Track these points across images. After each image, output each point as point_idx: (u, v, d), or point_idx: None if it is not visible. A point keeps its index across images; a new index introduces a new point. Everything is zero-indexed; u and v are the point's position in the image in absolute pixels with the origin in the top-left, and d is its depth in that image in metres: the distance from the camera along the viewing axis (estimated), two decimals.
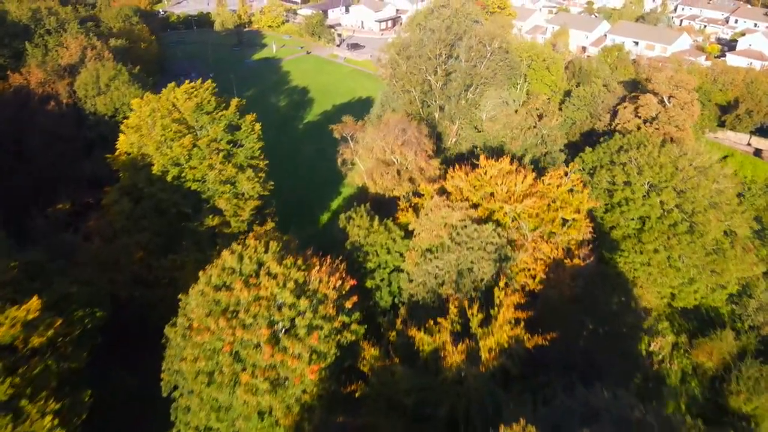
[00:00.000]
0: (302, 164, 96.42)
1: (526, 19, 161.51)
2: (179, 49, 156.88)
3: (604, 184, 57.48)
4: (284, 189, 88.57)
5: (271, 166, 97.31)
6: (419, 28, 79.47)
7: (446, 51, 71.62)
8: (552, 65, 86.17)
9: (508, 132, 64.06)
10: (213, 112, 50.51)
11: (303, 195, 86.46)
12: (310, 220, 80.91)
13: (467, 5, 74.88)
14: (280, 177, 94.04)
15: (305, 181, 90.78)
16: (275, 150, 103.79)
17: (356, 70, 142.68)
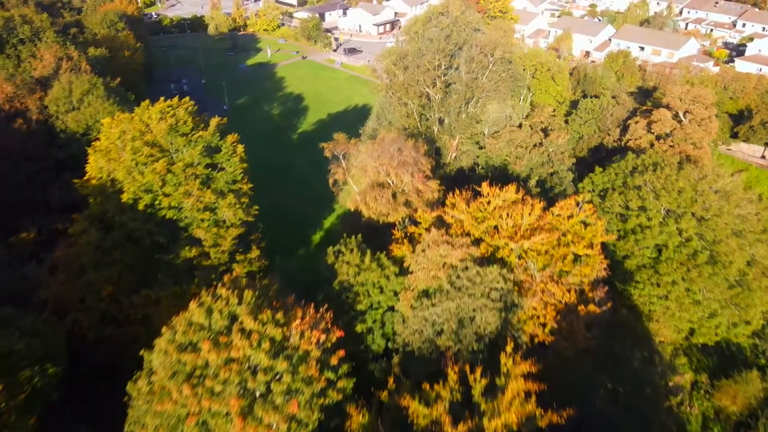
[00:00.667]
0: (295, 178, 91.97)
1: (528, 23, 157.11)
2: (172, 54, 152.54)
3: (616, 209, 53.06)
4: (276, 205, 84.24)
5: (263, 180, 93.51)
6: (417, 37, 75.08)
7: (446, 61, 67.19)
8: (557, 75, 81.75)
9: (512, 150, 59.62)
10: (190, 133, 46.08)
11: (295, 212, 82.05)
12: (301, 240, 76.50)
13: (467, 13, 70.46)
14: (271, 192, 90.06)
15: (298, 196, 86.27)
16: (267, 162, 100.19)
17: (353, 77, 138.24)
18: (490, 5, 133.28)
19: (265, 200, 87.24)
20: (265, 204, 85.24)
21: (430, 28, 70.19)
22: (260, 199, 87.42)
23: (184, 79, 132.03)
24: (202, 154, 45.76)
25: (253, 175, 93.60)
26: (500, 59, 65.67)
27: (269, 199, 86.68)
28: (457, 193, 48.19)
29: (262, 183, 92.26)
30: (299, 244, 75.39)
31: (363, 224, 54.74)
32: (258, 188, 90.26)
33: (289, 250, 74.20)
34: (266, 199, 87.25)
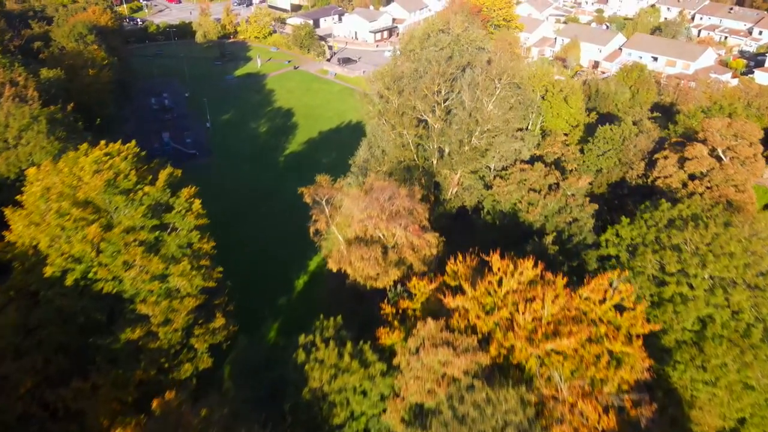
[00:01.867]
0: (280, 207, 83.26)
1: (533, 31, 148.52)
2: (156, 64, 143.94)
3: (650, 271, 44.38)
4: (257, 241, 75.71)
5: (244, 210, 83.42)
6: (413, 56, 66.46)
7: (446, 86, 58.53)
8: (571, 96, 73.06)
9: (523, 194, 50.98)
10: (132, 189, 37.41)
11: (277, 249, 73.45)
12: (283, 285, 67.83)
13: (471, 30, 61.87)
14: (252, 224, 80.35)
15: (281, 229, 77.54)
16: (251, 188, 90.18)
17: (346, 89, 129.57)
18: (494, 13, 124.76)
19: (245, 233, 79.32)
20: (243, 239, 77.30)
21: (429, 47, 61.51)
22: (239, 232, 79.37)
23: (166, 92, 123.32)
24: (147, 215, 37.10)
25: (233, 204, 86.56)
26: (509, 84, 56.97)
27: (250, 232, 78.34)
28: (460, 260, 39.59)
29: (242, 213, 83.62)
30: (280, 291, 66.79)
31: (348, 287, 46.15)
32: (238, 220, 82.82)
33: (268, 297, 65.63)
34: (246, 232, 79.35)
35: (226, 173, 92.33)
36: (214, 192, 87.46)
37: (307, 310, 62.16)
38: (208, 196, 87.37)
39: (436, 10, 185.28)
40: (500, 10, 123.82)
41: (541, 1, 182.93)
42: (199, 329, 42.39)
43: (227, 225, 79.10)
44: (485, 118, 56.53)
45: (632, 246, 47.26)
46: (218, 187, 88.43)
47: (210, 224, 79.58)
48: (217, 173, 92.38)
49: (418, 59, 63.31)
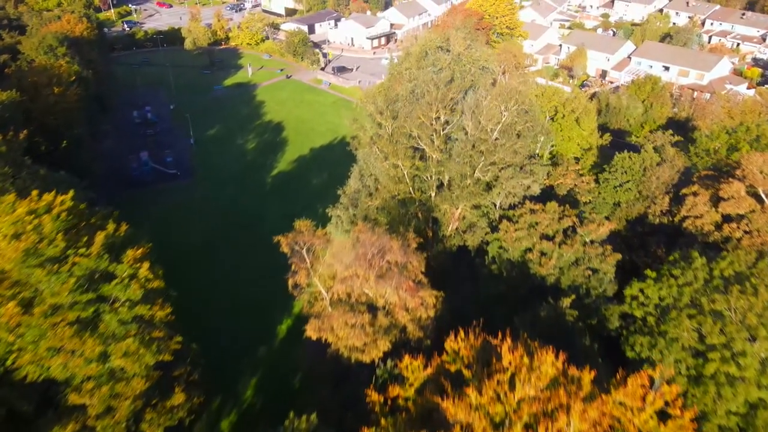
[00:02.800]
0: (263, 237, 75.32)
1: (537, 38, 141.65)
2: (141, 73, 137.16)
3: (686, 340, 37.55)
4: (236, 279, 68.29)
5: (223, 241, 74.52)
6: (409, 75, 59.64)
7: (446, 113, 51.70)
8: (584, 117, 66.24)
9: (534, 241, 44.11)
10: (60, 258, 30.56)
11: (259, 287, 66.38)
12: (264, 331, 60.86)
13: (474, 47, 55.03)
14: (231, 258, 72.05)
15: (264, 265, 70.26)
16: (233, 214, 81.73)
17: (341, 100, 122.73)
18: (496, 21, 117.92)
19: (222, 267, 70.20)
20: (220, 275, 68.69)
21: (426, 67, 54.66)
22: (216, 267, 70.69)
23: (150, 105, 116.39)
24: (78, 290, 30.25)
25: (211, 232, 76.91)
26: (517, 110, 50.13)
27: (227, 266, 70.80)
28: (461, 337, 32.78)
29: (221, 244, 75.01)
30: (260, 339, 59.87)
31: (330, 358, 39.29)
32: (215, 251, 73.88)
33: (246, 346, 58.74)
34: (223, 266, 70.75)
35: (207, 196, 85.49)
36: (192, 219, 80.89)
37: (291, 364, 55.46)
38: (185, 224, 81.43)
39: (436, 15, 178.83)
40: (503, 17, 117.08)
41: (545, 6, 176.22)
42: (151, 412, 35.56)
43: (203, 257, 72.38)
44: (490, 149, 49.67)
45: (660, 309, 40.43)
46: (197, 212, 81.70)
47: (183, 258, 73.66)
48: (198, 196, 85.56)
49: (415, 79, 56.49)
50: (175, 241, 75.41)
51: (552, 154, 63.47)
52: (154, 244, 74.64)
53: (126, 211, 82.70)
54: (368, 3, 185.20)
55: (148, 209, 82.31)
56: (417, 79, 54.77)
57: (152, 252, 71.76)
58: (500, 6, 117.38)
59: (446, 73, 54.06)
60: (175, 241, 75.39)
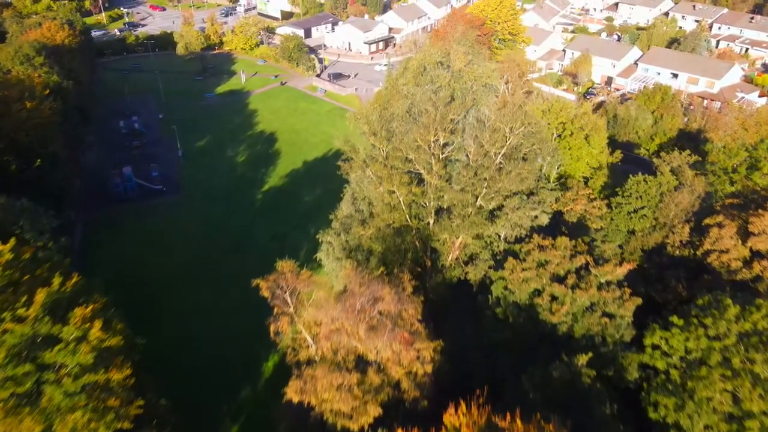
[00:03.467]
0: (251, 261, 71.45)
1: (540, 43, 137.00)
2: (131, 80, 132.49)
3: (718, 403, 32.94)
4: (219, 309, 63.33)
5: (206, 267, 68.65)
6: (406, 90, 55.00)
7: (445, 135, 47.09)
8: (594, 134, 61.58)
9: (544, 282, 39.48)
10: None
11: (243, 320, 61.33)
12: (249, 369, 56.14)
13: (476, 62, 50.33)
14: (215, 287, 66.10)
15: (250, 294, 65.21)
16: (220, 234, 76.44)
17: (336, 108, 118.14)
18: (498, 26, 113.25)
19: (205, 297, 64.50)
20: (202, 305, 63.31)
21: (425, 84, 50.04)
22: (198, 296, 64.71)
23: (137, 114, 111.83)
24: (10, 364, 25.66)
25: (194, 257, 71.10)
26: (524, 133, 45.54)
27: (210, 295, 65.30)
28: (463, 411, 28.26)
29: (205, 270, 69.32)
30: (244, 378, 55.20)
31: (313, 422, 34.69)
32: (198, 278, 68.09)
33: (228, 386, 54.05)
34: (206, 296, 65.03)
35: (193, 214, 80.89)
36: (176, 239, 76.23)
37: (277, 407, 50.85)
38: (168, 245, 75.22)
39: (436, 18, 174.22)
40: (506, 22, 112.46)
41: (548, 10, 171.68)
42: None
43: (186, 282, 67.70)
44: (494, 176, 45.06)
45: (687, 363, 35.81)
46: (182, 232, 77.07)
47: (164, 282, 68.67)
48: (184, 215, 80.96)
49: (412, 96, 51.87)
50: (157, 264, 70.88)
51: (560, 175, 58.88)
52: (134, 267, 71.05)
53: (106, 231, 79.47)
54: (366, 6, 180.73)
55: (130, 229, 77.79)
56: (414, 97, 50.22)
57: (130, 277, 67.81)
58: (502, 11, 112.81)
59: (445, 91, 49.50)
60: (156, 264, 70.87)
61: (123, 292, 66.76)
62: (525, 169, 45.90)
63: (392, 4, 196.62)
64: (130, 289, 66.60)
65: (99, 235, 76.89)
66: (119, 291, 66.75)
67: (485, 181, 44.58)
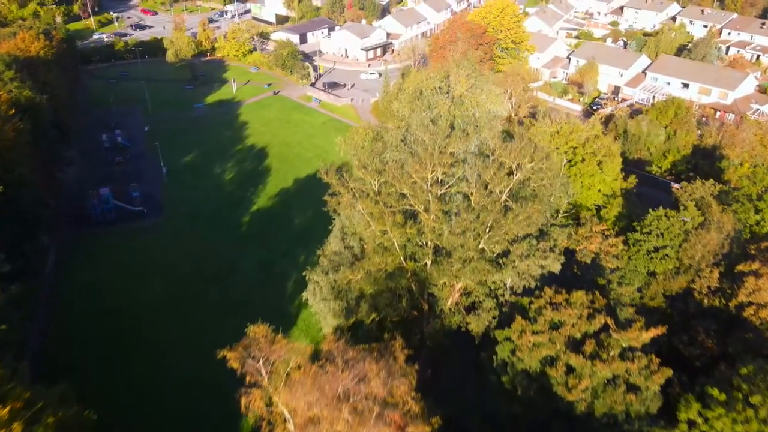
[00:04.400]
0: (233, 293, 66.25)
1: (544, 50, 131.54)
2: (118, 89, 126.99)
3: None
4: (195, 353, 56.24)
5: (183, 304, 62.13)
6: (400, 114, 49.60)
7: (444, 170, 41.72)
8: (607, 161, 56.15)
9: (558, 349, 34.09)
10: None
11: (223, 368, 55.95)
12: (228, 427, 50.65)
13: (479, 86, 45.03)
14: (192, 326, 59.63)
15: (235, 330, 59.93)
16: (201, 263, 69.88)
17: (331, 120, 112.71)
18: (501, 35, 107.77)
19: (180, 338, 58.32)
20: (176, 347, 57.58)
21: (421, 111, 44.63)
22: (172, 337, 58.83)
23: (122, 127, 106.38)
24: None
25: (170, 289, 64.44)
26: (534, 169, 40.15)
27: (187, 335, 58.59)
28: None
29: (185, 303, 63.34)
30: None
31: None
32: (179, 312, 62.10)
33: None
34: (181, 336, 58.60)
35: (173, 240, 75.46)
36: (155, 267, 70.32)
37: None
38: (146, 274, 68.23)
39: (436, 23, 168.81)
40: (508, 30, 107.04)
41: (551, 14, 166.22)
42: None
43: (162, 317, 62.07)
44: (499, 220, 39.67)
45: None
46: (162, 260, 71.61)
47: (139, 317, 62.29)
48: (165, 240, 75.54)
49: (407, 124, 46.48)
50: (133, 295, 65.52)
51: (571, 204, 53.37)
52: (108, 297, 65.23)
53: (81, 256, 73.43)
54: (364, 10, 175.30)
55: (106, 254, 72.40)
56: (410, 126, 44.87)
57: (102, 309, 62.23)
58: (505, 19, 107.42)
59: (444, 120, 44.13)
60: (132, 295, 65.50)
61: (94, 325, 61.92)
62: (534, 210, 40.48)
63: (390, 9, 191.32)
64: (103, 322, 61.49)
65: (73, 261, 71.60)
66: (89, 323, 62.11)
67: (489, 226, 39.17)
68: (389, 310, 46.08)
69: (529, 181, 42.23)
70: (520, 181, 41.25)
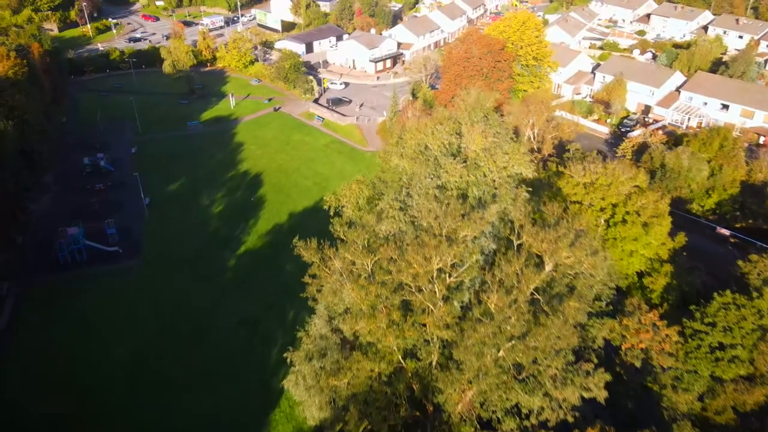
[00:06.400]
0: (208, 359, 57.07)
1: (566, 64, 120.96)
2: (108, 104, 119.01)
3: None
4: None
5: (154, 370, 53.56)
6: (401, 176, 40.08)
7: (454, 254, 32.13)
8: (655, 224, 46.07)
9: None
10: None
11: None
12: None
13: (499, 141, 35.44)
14: (163, 395, 50.81)
15: (211, 409, 51.09)
16: (174, 319, 60.51)
17: (334, 142, 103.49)
18: (521, 51, 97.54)
19: (150, 411, 49.27)
20: (145, 423, 48.49)
21: (424, 179, 35.08)
22: (142, 408, 49.96)
23: (106, 149, 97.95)
24: None
25: (139, 349, 56.04)
26: (570, 273, 30.38)
27: (152, 412, 48.76)
28: None
29: (149, 372, 53.68)
30: None
31: None
32: (142, 383, 52.92)
33: None
34: (146, 414, 49.33)
35: (147, 289, 66.63)
36: (123, 322, 61.04)
37: None
38: (112, 330, 58.60)
39: (450, 32, 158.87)
40: (529, 46, 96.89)
41: (573, 24, 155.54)
42: None
43: (121, 394, 52.87)
44: (523, 329, 30.04)
45: None
46: (130, 315, 62.74)
47: (98, 385, 52.29)
48: (136, 289, 66.70)
49: (407, 185, 36.94)
50: (93, 359, 56.87)
51: (613, 290, 43.31)
52: (64, 362, 54.70)
53: (40, 309, 62.08)
54: (374, 17, 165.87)
55: (69, 306, 63.70)
56: (411, 190, 35.41)
57: (54, 380, 53.17)
58: (526, 33, 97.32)
59: (459, 184, 34.61)
60: (92, 359, 56.84)
61: (41, 401, 52.64)
62: (571, 314, 30.75)
63: (403, 15, 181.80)
64: (53, 397, 52.67)
65: (31, 315, 63.03)
66: (32, 400, 51.36)
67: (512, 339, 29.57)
68: (382, 424, 36.66)
69: (563, 279, 32.52)
70: (552, 277, 31.64)
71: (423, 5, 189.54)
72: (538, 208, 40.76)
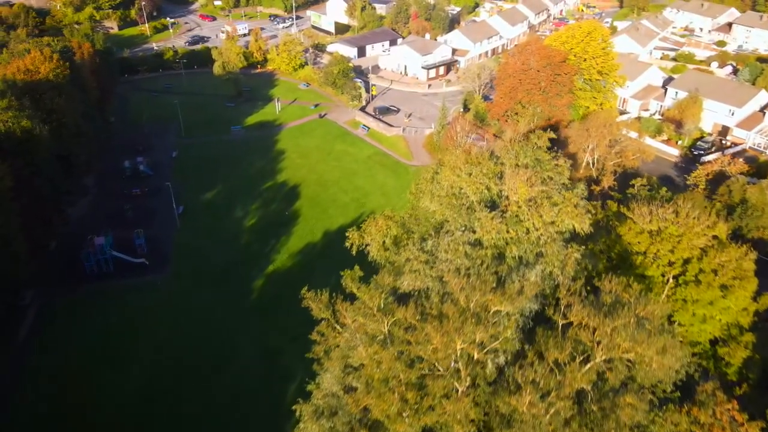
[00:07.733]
0: (223, 396, 53.18)
1: (635, 78, 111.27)
2: (157, 104, 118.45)
3: None
4: None
5: (166, 403, 50.47)
6: (420, 227, 34.52)
7: (484, 340, 26.31)
8: (736, 287, 38.54)
9: None
10: None
11: None
12: None
13: (549, 188, 29.21)
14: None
15: None
16: (195, 345, 56.82)
17: (378, 153, 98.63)
18: (585, 63, 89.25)
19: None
20: None
21: (456, 230, 29.37)
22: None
23: (147, 153, 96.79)
24: None
25: (159, 379, 52.72)
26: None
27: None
28: None
29: (162, 406, 50.31)
30: None
31: None
32: (155, 417, 49.22)
33: None
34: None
35: (170, 308, 63.69)
36: (138, 348, 57.08)
37: None
38: (125, 354, 55.66)
39: (510, 38, 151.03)
40: (594, 59, 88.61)
41: (645, 32, 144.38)
42: None
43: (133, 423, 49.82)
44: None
45: None
46: (149, 338, 59.74)
47: (103, 424, 48.60)
48: (158, 308, 63.85)
49: (436, 236, 31.32)
50: (104, 389, 53.67)
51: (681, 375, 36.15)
52: (77, 386, 52.27)
53: (60, 324, 59.88)
54: (430, 21, 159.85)
55: (88, 324, 61.33)
56: (439, 244, 29.81)
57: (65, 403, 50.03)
58: (591, 45, 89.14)
59: (493, 242, 28.75)
60: (103, 389, 53.64)
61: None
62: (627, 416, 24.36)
63: (460, 19, 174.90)
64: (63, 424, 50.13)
65: (50, 330, 61.10)
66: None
67: None
68: None
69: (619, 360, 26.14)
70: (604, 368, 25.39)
71: (483, 9, 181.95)
72: (593, 264, 34.30)
